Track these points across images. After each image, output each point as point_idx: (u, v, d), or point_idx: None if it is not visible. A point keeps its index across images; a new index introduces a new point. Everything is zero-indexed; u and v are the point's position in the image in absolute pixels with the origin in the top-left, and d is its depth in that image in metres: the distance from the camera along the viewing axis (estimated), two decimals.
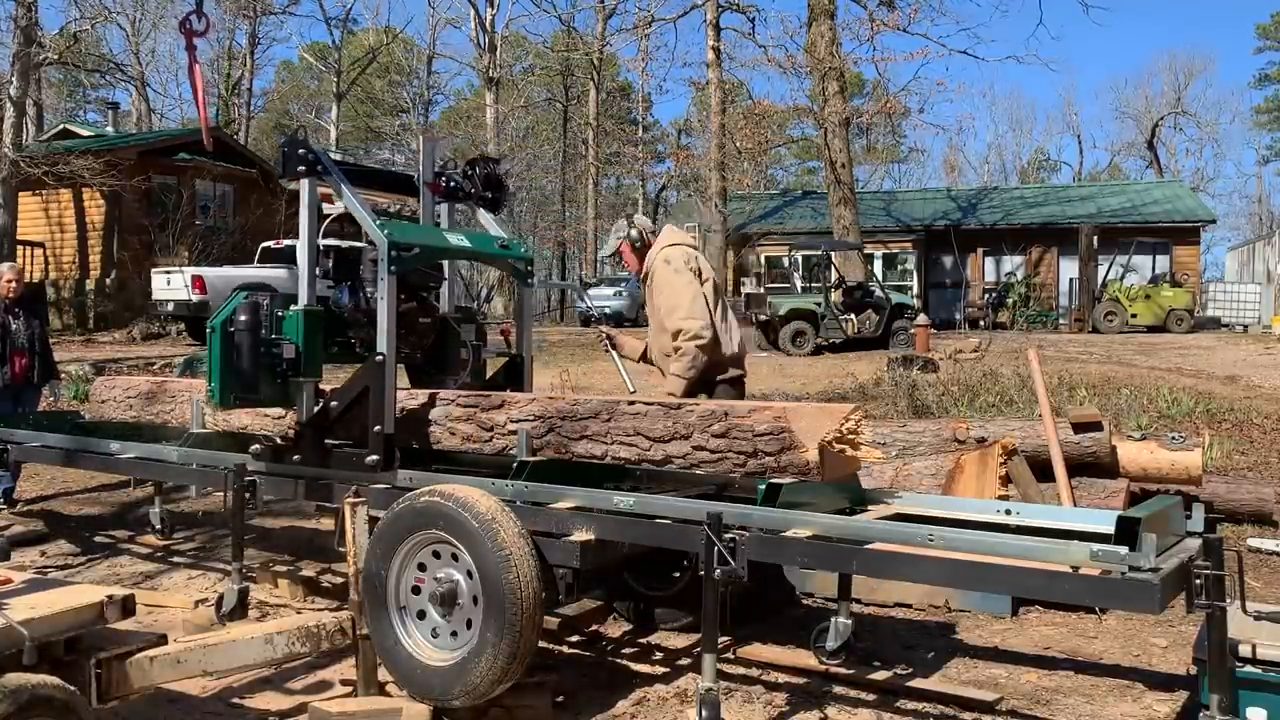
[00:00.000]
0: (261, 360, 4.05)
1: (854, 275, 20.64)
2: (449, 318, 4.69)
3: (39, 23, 20.85)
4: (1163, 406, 9.07)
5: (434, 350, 4.62)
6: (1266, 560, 5.55)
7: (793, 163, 53.59)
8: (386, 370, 3.94)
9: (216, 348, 4.12)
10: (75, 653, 2.99)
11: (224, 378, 4.09)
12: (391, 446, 3.98)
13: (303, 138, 4.12)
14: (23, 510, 6.98)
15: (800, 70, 25.89)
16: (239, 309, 4.08)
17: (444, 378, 4.59)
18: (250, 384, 4.06)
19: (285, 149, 4.12)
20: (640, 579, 4.56)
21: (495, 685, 3.36)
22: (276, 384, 4.10)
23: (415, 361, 4.67)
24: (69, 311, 21.06)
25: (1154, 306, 23.21)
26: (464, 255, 4.56)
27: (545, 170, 45.97)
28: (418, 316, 4.46)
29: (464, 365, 4.59)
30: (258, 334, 4.04)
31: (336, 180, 4.09)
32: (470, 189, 4.64)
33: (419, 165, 4.66)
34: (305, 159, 4.06)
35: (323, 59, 45.30)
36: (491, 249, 4.58)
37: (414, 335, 4.48)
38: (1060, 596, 3.13)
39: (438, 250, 4.32)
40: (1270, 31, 52.90)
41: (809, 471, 3.30)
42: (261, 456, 4.34)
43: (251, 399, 4.16)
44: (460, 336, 4.63)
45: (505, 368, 4.78)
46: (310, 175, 4.09)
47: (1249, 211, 55.05)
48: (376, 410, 3.95)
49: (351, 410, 4.04)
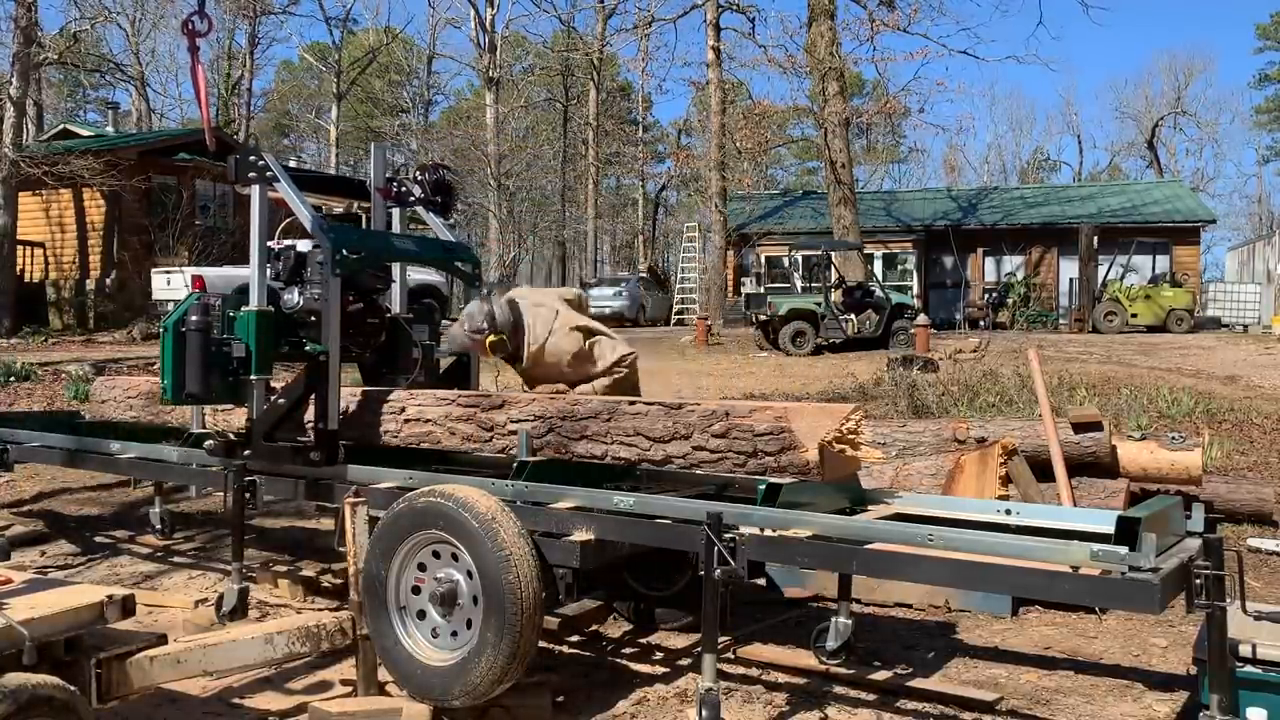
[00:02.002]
0: (212, 359, 4.22)
1: (854, 275, 20.63)
2: (400, 318, 4.81)
3: (39, 23, 20.86)
4: (1163, 406, 9.07)
5: (386, 350, 4.75)
6: (1266, 560, 5.55)
7: (793, 163, 53.60)
8: (330, 369, 4.08)
9: (169, 347, 4.31)
10: (75, 653, 2.98)
11: (175, 375, 4.28)
12: (335, 442, 4.12)
13: (255, 146, 4.25)
14: (23, 510, 6.98)
15: (800, 70, 25.89)
16: (190, 309, 4.26)
17: (396, 377, 4.72)
18: (201, 382, 4.22)
19: (237, 157, 4.31)
20: (640, 579, 4.57)
21: (495, 685, 3.36)
22: (228, 382, 4.28)
23: (367, 361, 4.82)
24: (69, 311, 21.04)
25: (1154, 306, 23.21)
26: (409, 258, 4.73)
27: (545, 170, 46.00)
28: (365, 317, 4.61)
29: (415, 364, 4.71)
30: (208, 334, 4.23)
31: (285, 186, 4.24)
32: (420, 194, 4.77)
33: (370, 171, 4.81)
34: (255, 166, 4.25)
35: (323, 59, 45.30)
36: (438, 253, 4.77)
37: (362, 335, 4.61)
38: (1060, 596, 3.13)
39: (382, 253, 4.49)
40: (1270, 31, 52.90)
41: (809, 471, 3.30)
42: (215, 452, 4.45)
43: (202, 396, 4.32)
44: (412, 337, 4.76)
45: (453, 367, 4.93)
46: (260, 181, 4.25)
47: (1249, 211, 55.10)
48: (321, 407, 4.10)
49: (299, 407, 4.20)
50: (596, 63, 38.95)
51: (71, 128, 29.42)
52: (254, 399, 4.27)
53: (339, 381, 4.16)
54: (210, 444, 4.46)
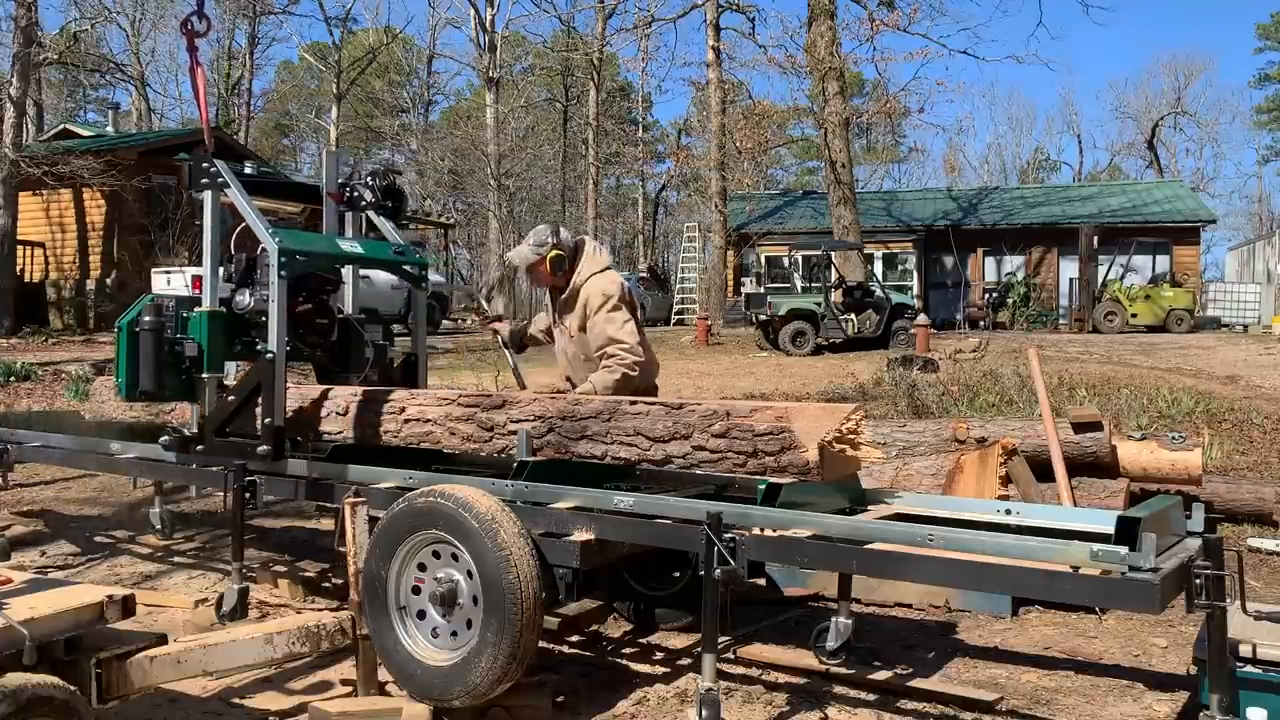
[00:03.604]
0: (165, 358, 4.43)
1: (854, 275, 20.64)
2: (351, 319, 4.94)
3: (39, 23, 20.85)
4: (1163, 406, 9.07)
5: (339, 349, 4.91)
6: (1266, 560, 5.55)
7: (793, 163, 53.63)
8: (276, 367, 4.19)
9: (123, 346, 4.54)
10: (75, 653, 2.98)
11: (129, 373, 4.50)
12: (282, 438, 4.24)
13: (206, 153, 4.48)
14: (23, 510, 6.98)
15: (800, 70, 25.94)
16: (143, 310, 4.47)
17: (348, 375, 4.87)
18: (154, 379, 4.43)
19: (190, 163, 4.49)
20: (640, 579, 4.57)
21: (495, 685, 3.36)
22: (181, 380, 4.50)
23: (320, 360, 4.96)
24: (69, 311, 21.04)
25: (1154, 306, 23.23)
26: (356, 261, 4.87)
27: (545, 170, 45.99)
28: (314, 317, 4.76)
29: (367, 363, 4.84)
30: (160, 334, 4.43)
31: (234, 192, 4.39)
32: (371, 199, 4.92)
33: (322, 176, 4.96)
34: (208, 172, 4.41)
35: (323, 59, 45.31)
36: (386, 255, 4.87)
37: (313, 334, 4.76)
38: (1060, 596, 3.13)
39: (329, 256, 4.63)
40: (1270, 31, 52.92)
41: (809, 471, 3.29)
42: (170, 446, 4.58)
43: (155, 394, 4.52)
44: (365, 337, 4.89)
45: (402, 365, 5.04)
46: (212, 188, 4.41)
47: (1249, 211, 55.12)
48: (267, 404, 4.22)
49: (248, 404, 4.35)
50: (596, 63, 38.94)
51: (71, 128, 29.45)
52: (206, 396, 4.44)
53: (285, 380, 4.28)
54: (165, 439, 4.62)
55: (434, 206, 41.96)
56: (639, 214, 49.00)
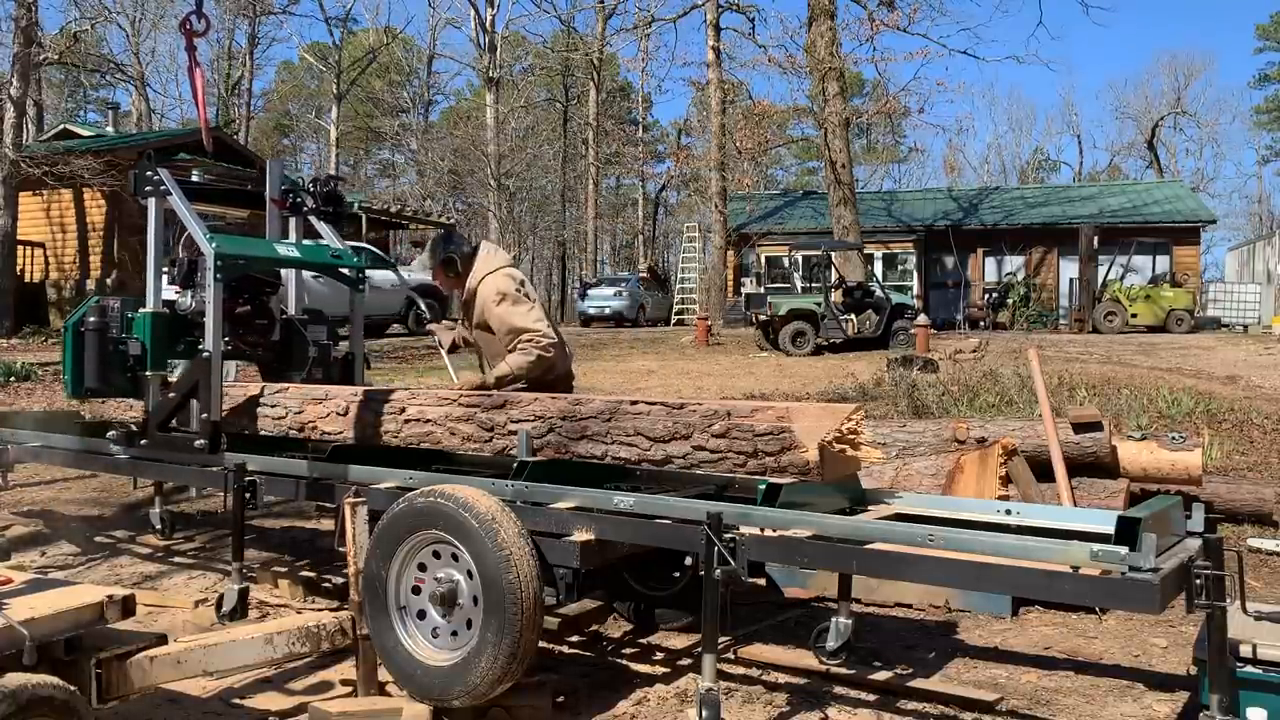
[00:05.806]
0: (110, 357, 4.67)
1: (854, 275, 20.64)
2: (293, 319, 5.12)
3: (39, 23, 20.87)
4: (1163, 406, 9.06)
5: (281, 349, 5.10)
6: (1266, 560, 5.54)
7: (793, 163, 53.66)
8: (213, 365, 4.36)
9: (69, 345, 4.81)
10: (75, 653, 2.98)
11: (75, 371, 4.75)
12: (219, 432, 4.40)
13: (150, 161, 4.64)
14: (23, 510, 6.98)
15: (800, 70, 25.94)
16: (88, 311, 4.71)
17: (291, 374, 5.05)
18: (99, 377, 4.67)
19: (136, 172, 4.66)
20: (640, 579, 4.57)
21: (495, 685, 3.36)
22: (125, 378, 4.73)
23: (263, 359, 5.16)
24: (69, 312, 21.04)
25: (1154, 307, 23.23)
26: (294, 264, 5.03)
27: (545, 170, 46.02)
28: (255, 318, 4.97)
29: (309, 362, 5.03)
30: (105, 334, 4.67)
31: (175, 200, 4.59)
32: (312, 204, 5.11)
33: (266, 182, 5.14)
34: (151, 180, 4.59)
35: (323, 59, 45.33)
36: (323, 258, 5.04)
37: (253, 334, 4.98)
38: (1060, 596, 3.13)
39: (265, 260, 4.83)
40: (1270, 31, 52.94)
41: (809, 471, 3.29)
42: (117, 441, 4.77)
43: (101, 391, 4.76)
44: (306, 336, 5.07)
45: (340, 363, 5.21)
46: (155, 195, 4.59)
47: (1249, 211, 55.14)
48: (204, 400, 4.38)
49: (188, 400, 4.51)
50: (596, 63, 38.97)
51: (71, 128, 29.42)
52: (149, 393, 4.62)
53: (221, 377, 4.45)
54: (112, 433, 4.78)
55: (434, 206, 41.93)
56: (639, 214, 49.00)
